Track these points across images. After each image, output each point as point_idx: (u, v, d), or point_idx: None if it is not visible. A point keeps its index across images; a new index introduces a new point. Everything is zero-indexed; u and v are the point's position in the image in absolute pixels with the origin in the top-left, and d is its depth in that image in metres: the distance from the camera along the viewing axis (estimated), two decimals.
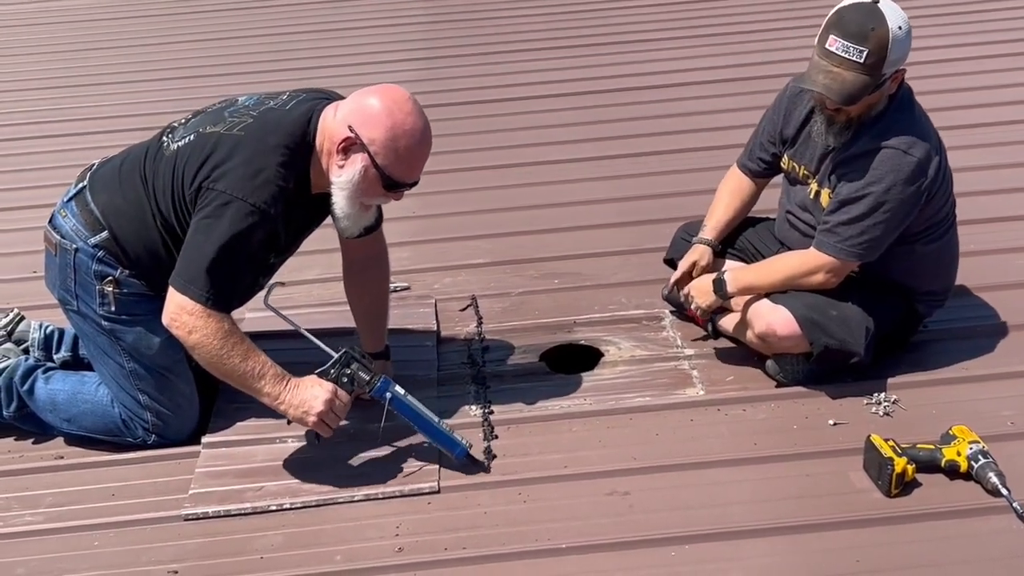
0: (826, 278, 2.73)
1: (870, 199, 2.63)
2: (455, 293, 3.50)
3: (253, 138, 2.46)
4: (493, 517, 2.43)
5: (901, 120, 2.66)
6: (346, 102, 2.49)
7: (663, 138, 4.76)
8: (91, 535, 2.46)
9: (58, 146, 5.13)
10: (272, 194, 2.41)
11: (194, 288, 2.39)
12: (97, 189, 2.64)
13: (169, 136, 2.61)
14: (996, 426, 2.60)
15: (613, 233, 3.89)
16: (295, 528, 2.43)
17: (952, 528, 2.31)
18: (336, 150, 2.42)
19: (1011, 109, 4.82)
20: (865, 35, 2.52)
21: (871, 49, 2.51)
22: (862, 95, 2.57)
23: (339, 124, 2.43)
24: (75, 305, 2.66)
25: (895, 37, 2.52)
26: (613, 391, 2.90)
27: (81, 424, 2.76)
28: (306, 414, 2.46)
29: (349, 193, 2.46)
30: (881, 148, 2.63)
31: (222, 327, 2.41)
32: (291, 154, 2.45)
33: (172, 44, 6.94)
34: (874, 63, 2.53)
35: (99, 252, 2.60)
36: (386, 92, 2.45)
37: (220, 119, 2.55)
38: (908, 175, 2.61)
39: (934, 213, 2.77)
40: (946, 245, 2.86)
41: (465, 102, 5.44)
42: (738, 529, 2.35)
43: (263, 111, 2.54)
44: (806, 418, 2.72)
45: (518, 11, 7.31)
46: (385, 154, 2.41)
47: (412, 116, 2.42)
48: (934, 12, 6.38)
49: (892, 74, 2.60)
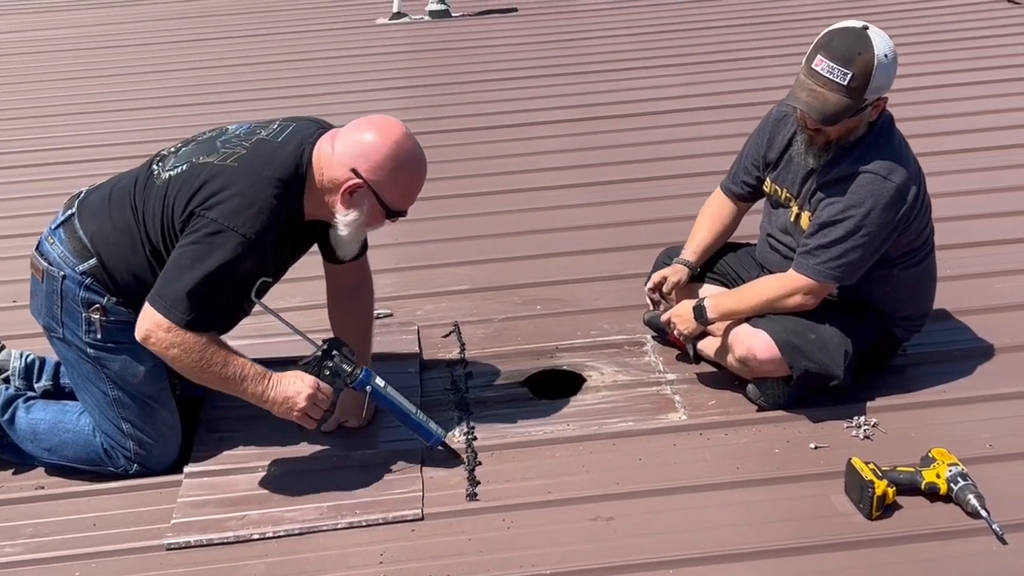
0: (804, 300, 2.75)
1: (849, 222, 2.66)
2: (438, 320, 3.50)
3: (247, 170, 2.48)
4: (477, 544, 2.42)
5: (882, 146, 2.70)
6: (342, 137, 2.52)
7: (644, 165, 4.80)
8: (72, 566, 2.44)
9: (44, 175, 5.13)
10: (264, 225, 2.43)
11: (175, 311, 2.40)
12: (86, 217, 2.64)
13: (160, 165, 2.62)
14: (975, 448, 2.62)
15: (595, 259, 3.91)
16: (278, 557, 2.42)
17: (933, 550, 2.32)
18: (343, 194, 2.48)
19: (990, 135, 4.89)
20: (851, 59, 2.56)
21: (855, 73, 2.55)
22: (841, 117, 2.61)
23: (340, 165, 2.48)
24: (61, 332, 2.65)
25: (880, 64, 2.56)
26: (596, 416, 2.91)
27: (62, 453, 2.74)
28: (289, 410, 2.52)
29: (355, 228, 2.55)
30: (861, 173, 2.66)
31: (199, 340, 2.43)
32: (285, 187, 2.48)
33: (161, 73, 6.99)
34: (857, 87, 2.57)
35: (87, 279, 2.59)
36: (383, 127, 2.51)
37: (213, 149, 2.56)
38: (888, 200, 2.64)
39: (913, 239, 2.80)
40: (924, 271, 2.89)
41: (448, 130, 5.47)
42: (722, 553, 2.35)
43: (255, 142, 2.56)
44: (788, 442, 2.73)
45: (500, 40, 7.39)
46: (390, 191, 2.51)
47: (411, 150, 2.51)
48: (916, 40, 6.49)
49: (874, 101, 2.63)
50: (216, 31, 8.19)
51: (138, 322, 2.47)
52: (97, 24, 8.71)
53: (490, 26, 7.86)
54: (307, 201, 2.53)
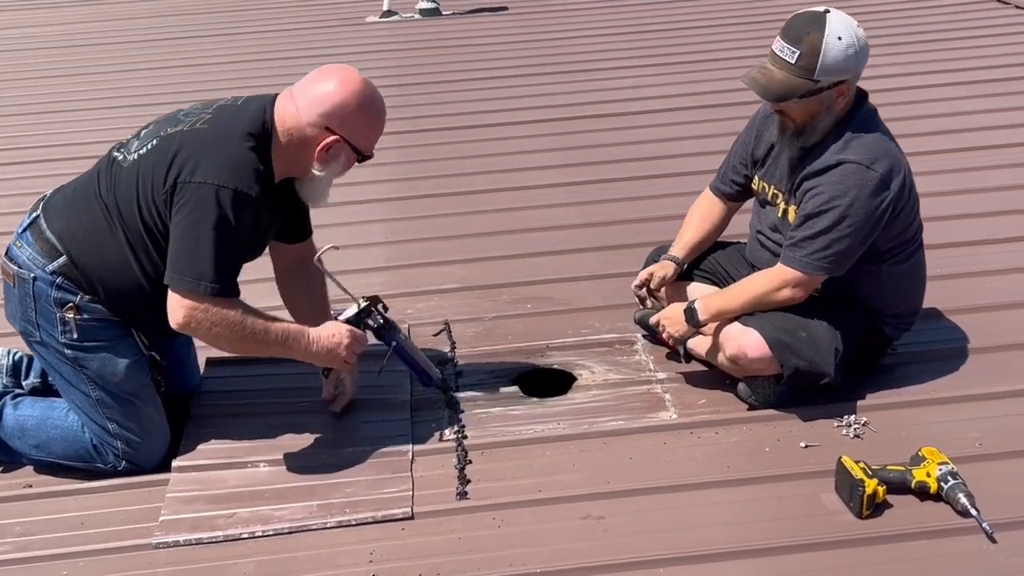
0: (793, 293, 2.75)
1: (834, 212, 2.66)
2: (428, 318, 3.49)
3: (217, 131, 2.51)
4: (467, 543, 2.42)
5: (864, 137, 2.71)
6: (303, 94, 2.55)
7: (634, 164, 4.80)
8: (60, 564, 2.42)
9: (10, 175, 5.07)
10: (251, 176, 2.47)
11: (204, 283, 2.43)
12: (51, 216, 2.64)
13: (122, 151, 2.63)
14: (964, 447, 2.62)
15: (585, 258, 3.91)
16: (267, 555, 2.41)
17: (923, 549, 2.33)
18: (319, 151, 2.52)
19: (979, 135, 4.90)
20: (800, 38, 2.60)
21: (803, 52, 2.59)
22: (788, 95, 2.64)
23: (309, 123, 2.51)
24: (38, 336, 2.64)
25: (829, 44, 2.58)
26: (586, 415, 2.91)
27: (51, 450, 2.73)
28: (336, 356, 2.66)
29: (329, 179, 2.61)
30: (843, 163, 2.67)
31: (237, 314, 2.49)
32: (256, 141, 2.51)
33: (128, 72, 6.94)
34: (805, 65, 2.59)
35: (57, 278, 2.58)
36: (342, 77, 2.55)
37: (177, 121, 2.59)
38: (872, 189, 2.65)
39: (901, 231, 2.80)
40: (912, 268, 2.90)
41: (438, 128, 5.47)
42: (712, 552, 2.35)
43: (217, 108, 2.60)
44: (778, 441, 2.73)
45: (490, 38, 7.39)
46: (363, 138, 2.59)
47: (372, 93, 2.58)
48: (903, 40, 6.50)
49: (833, 85, 2.64)
50: (203, 28, 8.16)
51: (171, 312, 2.49)
52: (79, 22, 8.66)
53: (480, 25, 7.85)
54: (275, 160, 2.55)
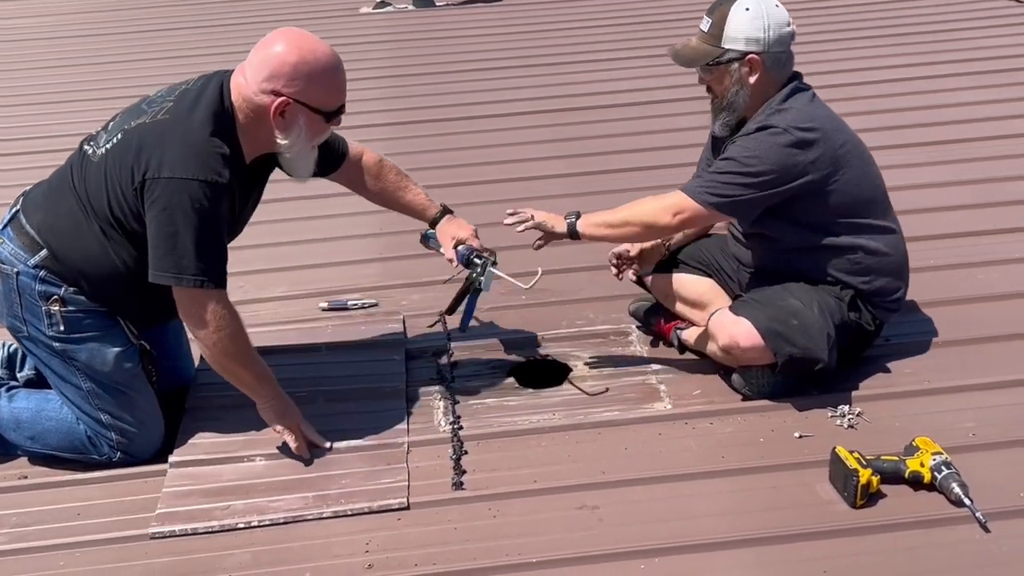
0: (674, 219, 2.80)
1: (740, 159, 2.75)
2: (423, 309, 3.49)
3: (178, 119, 2.49)
4: (463, 532, 2.42)
5: (789, 109, 2.77)
6: (249, 65, 2.52)
7: (629, 155, 4.80)
8: (56, 555, 2.43)
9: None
10: (218, 163, 2.45)
11: (186, 276, 2.44)
12: (30, 210, 2.64)
13: (92, 144, 2.62)
14: (958, 437, 2.63)
15: (580, 249, 3.87)
16: (263, 546, 2.41)
17: (917, 538, 2.34)
18: (274, 116, 2.48)
19: (970, 127, 4.90)
20: (714, 9, 2.79)
21: (713, 21, 2.77)
22: (695, 60, 2.81)
23: (258, 92, 2.48)
24: (25, 331, 2.63)
25: (736, 13, 2.74)
26: (581, 406, 2.91)
27: (46, 442, 2.72)
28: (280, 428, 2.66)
29: (300, 146, 2.56)
30: (762, 127, 2.76)
31: (241, 323, 2.57)
32: (218, 123, 2.49)
33: (114, 64, 6.93)
34: (714, 33, 2.76)
35: (40, 272, 2.58)
36: (280, 38, 2.51)
37: (141, 112, 2.57)
38: (782, 146, 2.71)
39: (849, 203, 2.80)
40: (887, 245, 2.88)
41: (432, 119, 5.46)
42: (707, 542, 2.36)
43: (179, 94, 2.57)
44: (772, 431, 2.74)
45: (484, 29, 7.38)
46: (316, 95, 2.50)
47: (315, 45, 2.51)
48: (885, 32, 6.53)
49: (742, 56, 2.74)
50: (194, 20, 8.14)
51: (184, 313, 2.51)
52: (63, 13, 8.64)
53: (475, 15, 7.84)
54: (243, 139, 2.54)
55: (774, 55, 2.76)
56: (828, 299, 2.81)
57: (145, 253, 2.48)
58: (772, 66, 2.77)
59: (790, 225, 2.83)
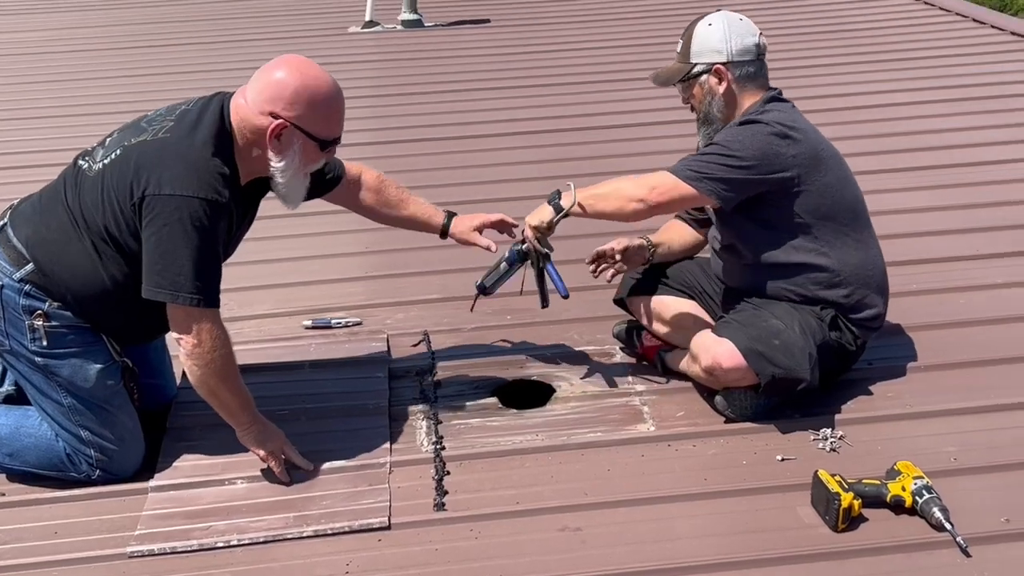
0: (651, 194, 2.83)
1: (722, 144, 2.81)
2: (407, 328, 3.49)
3: (179, 138, 2.50)
4: (444, 554, 2.41)
5: (768, 112, 2.83)
6: (251, 87, 2.53)
7: (616, 177, 4.80)
8: (33, 574, 2.40)
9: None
10: (218, 182, 2.46)
11: (183, 294, 2.43)
12: (18, 224, 2.63)
13: (88, 159, 2.62)
14: (939, 462, 2.64)
15: (564, 270, 3.90)
16: (243, 566, 2.40)
17: (898, 562, 2.34)
18: (269, 139, 2.49)
19: (953, 153, 4.94)
20: (684, 32, 2.95)
21: (683, 41, 2.94)
22: (670, 79, 2.96)
23: (257, 113, 2.49)
24: (7, 345, 2.62)
25: (699, 29, 2.89)
26: (565, 427, 2.91)
27: (24, 459, 2.70)
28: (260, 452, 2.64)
29: (293, 172, 2.56)
30: (744, 122, 2.83)
31: (231, 349, 2.55)
32: (218, 144, 2.49)
33: (106, 79, 6.91)
34: (684, 52, 2.92)
35: (25, 286, 2.56)
36: (285, 63, 2.53)
37: (141, 130, 2.57)
38: (764, 135, 2.78)
39: (829, 206, 2.83)
40: (863, 248, 2.91)
41: (419, 139, 5.47)
42: (688, 564, 2.35)
43: (180, 114, 2.57)
44: (755, 454, 2.74)
45: (472, 50, 7.40)
46: (314, 121, 2.51)
47: (319, 75, 2.53)
48: (866, 59, 6.58)
49: (709, 67, 2.86)
50: (185, 37, 8.14)
51: (176, 331, 2.50)
52: (59, 28, 8.63)
53: (462, 37, 7.87)
54: (239, 161, 2.54)
55: (739, 63, 2.85)
56: (809, 319, 2.82)
57: (136, 270, 2.48)
58: (742, 76, 2.86)
59: (767, 231, 2.86)
